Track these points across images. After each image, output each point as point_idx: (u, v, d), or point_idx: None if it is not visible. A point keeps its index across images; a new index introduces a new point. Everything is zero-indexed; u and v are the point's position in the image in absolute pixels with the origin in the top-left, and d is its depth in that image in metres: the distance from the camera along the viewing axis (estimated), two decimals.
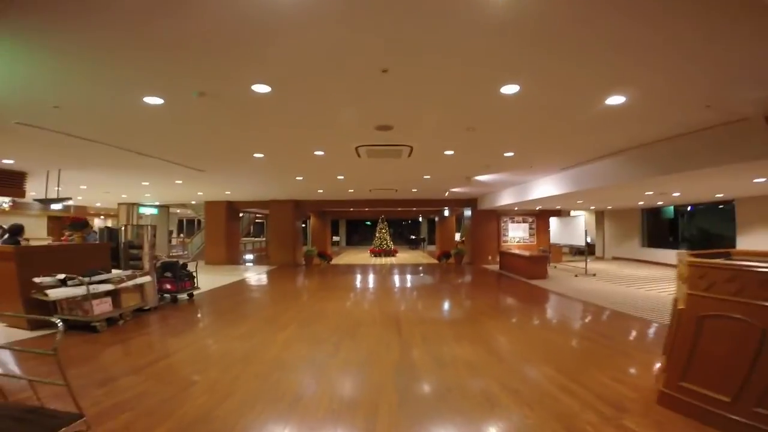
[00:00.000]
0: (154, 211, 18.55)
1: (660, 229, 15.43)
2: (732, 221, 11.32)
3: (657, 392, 3.02)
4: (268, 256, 14.67)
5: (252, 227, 28.87)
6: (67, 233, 7.09)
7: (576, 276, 10.81)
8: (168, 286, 7.46)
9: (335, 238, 31.26)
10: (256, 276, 11.57)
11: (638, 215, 15.70)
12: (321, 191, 11.67)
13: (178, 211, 23.29)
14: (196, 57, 2.87)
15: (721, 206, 12.49)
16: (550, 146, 5.68)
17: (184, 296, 7.76)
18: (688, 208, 14.08)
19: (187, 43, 2.65)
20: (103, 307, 5.58)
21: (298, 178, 8.70)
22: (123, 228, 6.97)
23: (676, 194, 9.37)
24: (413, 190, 11.46)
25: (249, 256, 20.07)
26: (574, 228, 11.77)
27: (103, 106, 3.94)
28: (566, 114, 4.20)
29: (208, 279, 10.70)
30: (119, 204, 16.90)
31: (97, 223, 21.24)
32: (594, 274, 11.05)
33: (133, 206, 17.07)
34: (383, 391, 3.35)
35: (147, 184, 9.97)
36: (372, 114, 4.12)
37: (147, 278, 6.29)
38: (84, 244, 6.67)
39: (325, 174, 8.14)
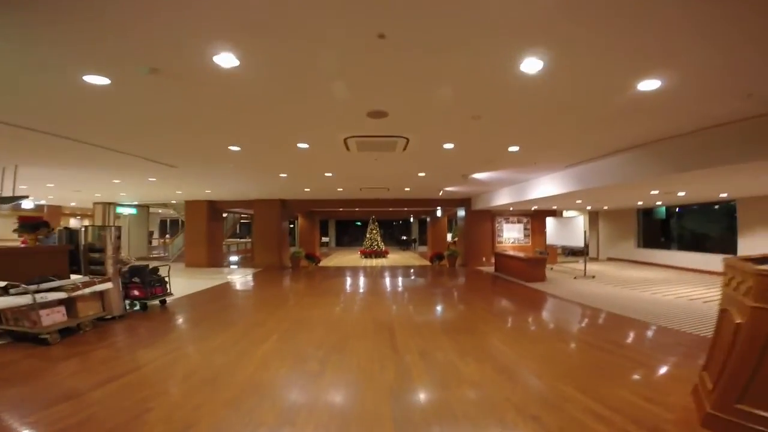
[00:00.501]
0: (133, 211, 17.66)
1: (653, 229, 15.19)
2: (726, 221, 11.05)
3: (701, 414, 2.61)
4: (253, 258, 13.95)
5: (238, 228, 28.06)
6: (17, 235, 6.35)
7: (575, 278, 10.38)
8: (136, 293, 6.76)
9: (324, 239, 30.56)
10: (238, 279, 10.87)
11: (634, 216, 15.43)
12: (308, 190, 11.04)
13: (160, 211, 22.36)
14: (135, 22, 2.27)
15: (716, 206, 12.30)
16: (560, 141, 5.19)
17: (156, 303, 7.07)
18: (677, 209, 13.91)
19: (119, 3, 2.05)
20: (54, 317, 4.93)
21: (282, 175, 8.06)
22: (83, 229, 6.25)
23: (682, 194, 9.00)
24: (406, 189, 10.91)
25: (234, 258, 19.28)
26: (573, 228, 11.37)
27: (39, 89, 3.30)
28: (589, 101, 3.69)
29: (186, 283, 10.00)
30: (95, 204, 15.99)
31: (73, 223, 20.23)
32: (593, 276, 10.64)
33: (109, 206, 16.17)
34: (378, 422, 2.78)
35: (118, 182, 9.22)
36: (364, 96, 3.53)
37: (107, 285, 5.59)
38: (37, 248, 5.94)
39: (311, 171, 7.52)
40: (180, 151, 5.83)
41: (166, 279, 7.24)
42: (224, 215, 18.64)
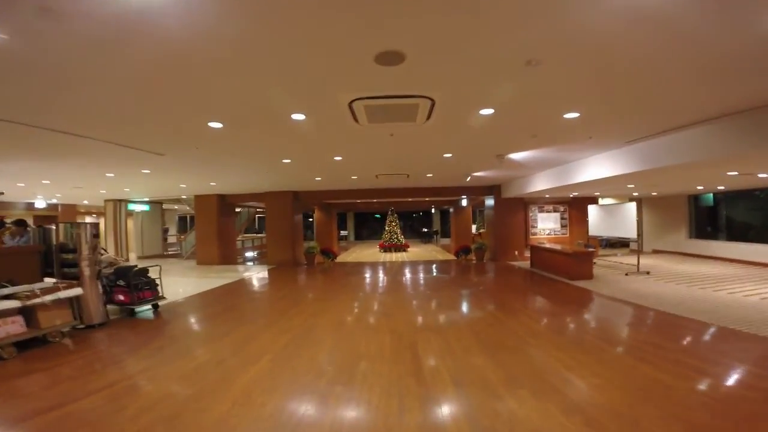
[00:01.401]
0: (145, 207, 17.18)
1: (703, 218, 13.44)
2: None
3: None
4: (265, 254, 13.09)
5: (256, 223, 27.50)
6: None
7: (627, 275, 8.98)
8: (121, 297, 5.92)
9: (343, 233, 29.71)
10: (247, 279, 10.00)
11: (684, 203, 13.69)
12: (319, 179, 10.00)
13: (176, 207, 21.95)
14: None
15: (757, 193, 10.90)
16: (641, 104, 3.90)
17: (147, 308, 6.22)
18: (724, 196, 12.28)
19: None
20: (9, 329, 4.15)
21: (285, 161, 7.02)
22: (55, 227, 5.41)
23: (763, 175, 7.44)
24: (428, 175, 9.71)
25: (251, 254, 18.61)
26: (622, 218, 9.89)
27: None
28: (694, 44, 2.45)
29: (190, 283, 9.22)
30: (105, 201, 15.54)
31: (88, 221, 20.01)
32: (648, 272, 9.20)
33: (120, 203, 15.70)
34: None
35: (112, 175, 8.42)
36: (370, 24, 2.40)
37: (74, 291, 4.70)
38: (1, 250, 5.12)
39: (316, 153, 6.43)
40: (157, 134, 4.84)
41: (157, 281, 6.37)
42: (238, 210, 18.00)
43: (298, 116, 4.21)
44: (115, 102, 3.65)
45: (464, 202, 16.13)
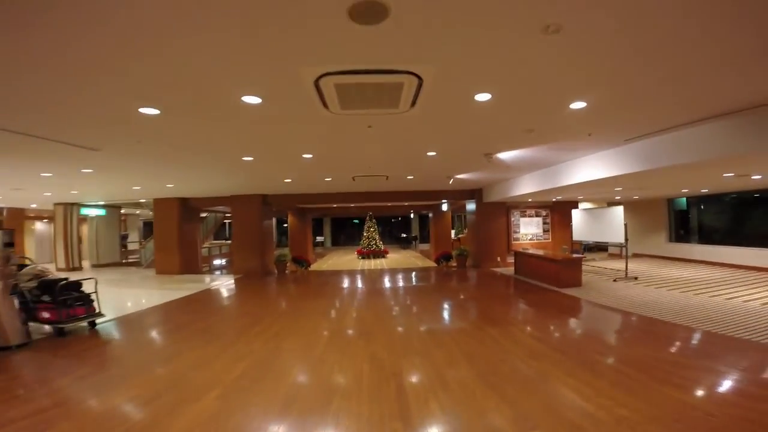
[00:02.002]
0: (101, 212, 15.77)
1: (682, 222, 13.49)
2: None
3: None
4: (232, 263, 12.10)
5: (226, 229, 26.15)
6: None
7: (615, 281, 8.60)
8: (46, 315, 4.95)
9: (319, 239, 28.75)
10: (208, 291, 9.04)
11: (664, 207, 13.67)
12: (289, 180, 9.19)
13: (137, 212, 20.48)
14: None
15: (733, 196, 11.20)
16: (653, 89, 3.36)
17: (83, 325, 5.28)
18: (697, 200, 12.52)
19: None
20: None
21: (246, 158, 6.16)
22: None
23: (757, 177, 7.20)
24: (408, 177, 9.08)
25: (220, 262, 17.44)
26: (609, 222, 9.54)
27: None
28: (735, 26, 1.91)
29: (143, 295, 8.20)
30: (55, 205, 14.13)
31: (39, 228, 18.33)
32: (636, 278, 8.86)
33: (72, 207, 14.31)
34: None
35: (50, 175, 7.34)
36: None
37: None
38: None
39: (282, 149, 5.63)
40: (82, 120, 3.96)
41: (92, 296, 5.41)
42: (205, 215, 16.83)
43: (252, 99, 3.45)
44: (10, 80, 2.80)
45: (445, 207, 15.64)
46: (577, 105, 3.76)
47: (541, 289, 8.03)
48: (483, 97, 3.53)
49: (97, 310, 5.40)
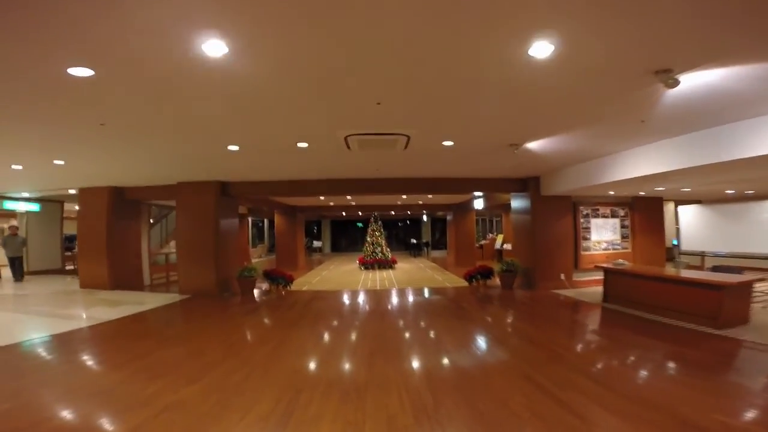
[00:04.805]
0: (33, 206, 12.37)
1: None
2: None
3: None
4: (178, 277, 8.54)
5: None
6: None
7: None
8: None
9: (316, 244, 25.23)
10: (106, 325, 5.47)
11: None
12: (235, 148, 5.68)
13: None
14: None
15: None
16: None
17: None
18: None
19: None
20: None
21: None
22: None
23: None
24: (446, 142, 5.52)
25: None
26: (750, 222, 5.88)
27: None
28: None
29: (29, 325, 4.68)
30: None
31: None
32: None
33: None
34: None
35: None
36: None
37: None
38: None
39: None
40: None
41: None
42: (164, 215, 13.37)
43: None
44: None
45: (478, 204, 11.92)
46: None
47: (684, 331, 4.43)
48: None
49: None
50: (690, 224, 7.47)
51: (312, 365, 3.91)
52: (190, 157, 5.78)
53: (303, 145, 4.88)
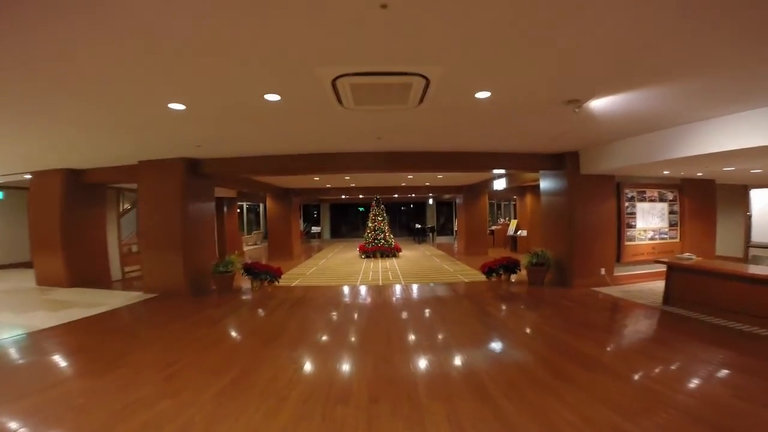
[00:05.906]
0: None
1: None
2: None
3: None
4: (142, 273, 7.23)
5: None
6: None
7: None
8: None
9: (315, 230, 23.96)
10: (41, 334, 4.19)
11: None
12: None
13: None
14: None
15: None
16: None
17: None
18: None
19: None
20: None
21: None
22: None
23: None
24: (480, 94, 4.12)
25: None
26: None
27: None
28: None
29: None
30: None
31: None
32: None
33: None
34: None
35: None
36: None
37: None
38: None
39: None
40: None
41: None
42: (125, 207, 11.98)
43: None
44: None
45: (500, 184, 10.44)
46: None
47: None
48: None
49: None
50: (765, 211, 6.09)
51: (281, 419, 2.60)
52: (132, 126, 4.38)
53: (273, 97, 3.45)
